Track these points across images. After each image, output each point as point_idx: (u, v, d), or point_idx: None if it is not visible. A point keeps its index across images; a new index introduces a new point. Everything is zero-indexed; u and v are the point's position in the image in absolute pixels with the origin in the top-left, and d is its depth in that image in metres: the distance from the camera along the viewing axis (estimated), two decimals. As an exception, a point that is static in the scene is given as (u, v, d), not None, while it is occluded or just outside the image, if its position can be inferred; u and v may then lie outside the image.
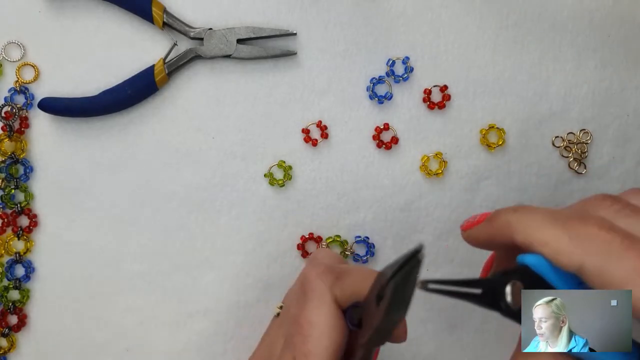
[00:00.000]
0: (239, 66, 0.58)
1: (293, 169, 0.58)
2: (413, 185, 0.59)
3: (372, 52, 0.58)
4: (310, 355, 0.41)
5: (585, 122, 0.59)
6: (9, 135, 0.57)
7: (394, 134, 0.58)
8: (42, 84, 0.58)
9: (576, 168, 0.59)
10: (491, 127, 0.58)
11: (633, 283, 0.34)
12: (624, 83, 0.59)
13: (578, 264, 0.36)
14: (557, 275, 0.38)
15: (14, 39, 0.58)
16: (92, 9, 0.58)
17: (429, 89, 0.58)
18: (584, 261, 0.36)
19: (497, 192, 0.59)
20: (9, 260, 0.58)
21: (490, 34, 0.58)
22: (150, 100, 0.58)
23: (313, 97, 0.59)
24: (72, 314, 0.59)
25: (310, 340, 0.42)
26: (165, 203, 0.58)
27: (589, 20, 0.58)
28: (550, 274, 0.38)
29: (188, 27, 0.57)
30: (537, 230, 0.38)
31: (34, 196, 0.58)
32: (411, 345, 0.59)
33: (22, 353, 0.59)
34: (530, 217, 0.39)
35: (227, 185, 0.58)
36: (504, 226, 0.40)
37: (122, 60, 0.58)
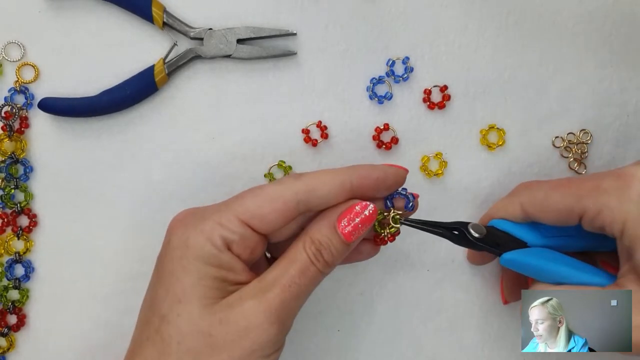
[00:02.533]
0: (239, 66, 0.58)
1: (293, 169, 0.58)
2: (413, 185, 0.59)
3: (372, 52, 0.58)
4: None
5: (585, 122, 0.59)
6: (9, 135, 0.57)
7: (394, 134, 0.58)
8: (42, 84, 0.58)
9: (576, 168, 0.58)
10: (491, 127, 0.58)
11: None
12: (624, 83, 0.59)
13: (569, 207, 0.48)
14: (516, 228, 0.51)
15: (14, 39, 0.58)
16: (92, 9, 0.58)
17: (429, 89, 0.58)
18: (583, 202, 0.47)
19: (498, 193, 0.59)
20: (8, 260, 0.58)
21: (490, 34, 0.58)
22: (150, 101, 0.58)
23: (313, 97, 0.58)
24: (72, 314, 0.58)
25: (253, 192, 0.47)
26: (164, 203, 0.58)
27: (589, 20, 0.58)
28: (510, 228, 0.51)
29: (188, 27, 0.57)
30: (531, 196, 0.51)
31: (33, 196, 0.58)
32: (411, 345, 0.59)
33: (21, 353, 0.59)
34: (526, 191, 0.53)
35: (227, 186, 0.58)
36: (510, 203, 0.53)
37: (122, 60, 0.58)
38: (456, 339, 0.59)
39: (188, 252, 0.45)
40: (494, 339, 0.59)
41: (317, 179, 0.47)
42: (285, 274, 0.45)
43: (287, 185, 0.46)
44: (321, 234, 0.46)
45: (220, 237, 0.45)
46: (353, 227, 0.46)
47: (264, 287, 0.45)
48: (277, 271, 0.46)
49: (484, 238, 0.49)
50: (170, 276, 0.45)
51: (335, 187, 0.47)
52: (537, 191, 0.51)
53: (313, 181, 0.47)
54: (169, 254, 0.46)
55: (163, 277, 0.46)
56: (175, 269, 0.45)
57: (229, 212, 0.46)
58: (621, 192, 0.45)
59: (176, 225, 0.47)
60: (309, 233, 0.47)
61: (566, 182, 0.50)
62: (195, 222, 0.46)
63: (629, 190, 0.45)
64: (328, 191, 0.46)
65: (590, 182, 0.48)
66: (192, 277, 0.44)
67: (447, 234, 0.49)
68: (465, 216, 0.59)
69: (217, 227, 0.45)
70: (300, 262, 0.46)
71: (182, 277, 0.45)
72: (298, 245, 0.46)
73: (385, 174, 0.48)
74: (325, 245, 0.46)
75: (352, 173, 0.47)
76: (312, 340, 0.59)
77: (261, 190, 0.47)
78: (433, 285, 0.59)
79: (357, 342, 0.59)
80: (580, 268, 0.47)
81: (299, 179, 0.47)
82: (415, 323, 0.59)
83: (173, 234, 0.47)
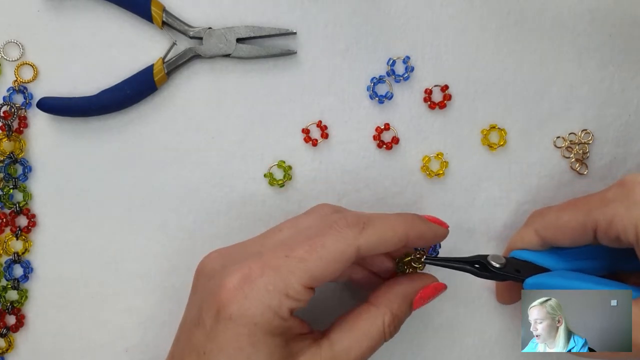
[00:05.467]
0: (238, 66, 0.58)
1: (293, 169, 0.58)
2: (414, 185, 0.59)
3: (372, 52, 0.58)
4: (310, 261, 0.44)
5: (586, 122, 0.58)
6: (8, 134, 0.57)
7: (395, 134, 0.58)
8: (41, 83, 0.58)
9: (578, 169, 0.58)
10: (492, 127, 0.58)
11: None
12: (625, 83, 0.58)
13: (582, 222, 0.48)
14: (536, 257, 0.51)
15: (12, 39, 0.58)
16: (91, 8, 0.58)
17: (429, 89, 0.58)
18: (594, 215, 0.47)
19: (499, 193, 0.58)
20: (7, 260, 0.58)
21: (491, 33, 0.58)
22: (150, 100, 0.58)
23: (313, 97, 0.58)
24: (71, 314, 0.58)
25: (316, 252, 0.44)
26: (164, 203, 0.58)
27: (590, 19, 0.58)
28: (531, 256, 0.51)
29: (187, 27, 0.57)
30: (540, 221, 0.52)
31: (32, 196, 0.58)
32: (411, 345, 0.59)
33: (19, 353, 0.58)
34: (532, 221, 0.54)
35: (226, 186, 0.58)
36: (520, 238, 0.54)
37: (121, 60, 0.58)
38: (456, 339, 0.59)
39: (256, 329, 0.43)
40: (494, 339, 0.59)
41: (380, 236, 0.46)
42: (359, 349, 0.46)
43: (350, 241, 0.45)
44: (401, 311, 0.48)
45: (288, 310, 0.44)
46: (424, 302, 0.50)
47: (334, 358, 0.46)
48: (350, 342, 0.46)
49: (505, 267, 0.49)
50: (239, 353, 0.43)
51: (394, 244, 0.47)
52: (548, 215, 0.51)
53: (375, 237, 0.46)
54: (232, 329, 0.44)
55: (226, 352, 0.44)
56: (243, 346, 0.43)
57: (293, 278, 0.44)
58: (627, 198, 0.46)
59: (233, 293, 0.44)
60: (390, 307, 0.48)
61: (574, 200, 0.51)
62: (256, 291, 0.44)
63: (634, 195, 0.45)
64: (387, 247, 0.47)
65: (597, 196, 0.49)
66: (264, 352, 0.43)
67: (468, 268, 0.49)
68: (466, 217, 0.58)
69: (284, 301, 0.44)
70: (375, 339, 0.47)
71: (253, 354, 0.43)
72: (376, 320, 0.47)
73: (435, 235, 0.50)
74: (402, 320, 0.48)
75: (410, 231, 0.48)
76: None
77: (323, 249, 0.45)
78: (433, 285, 0.59)
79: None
80: (606, 284, 0.47)
81: (361, 234, 0.46)
82: (416, 323, 0.59)
83: (232, 304, 0.44)
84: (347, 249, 0.45)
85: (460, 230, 0.58)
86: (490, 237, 0.58)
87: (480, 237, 0.58)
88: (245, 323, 0.43)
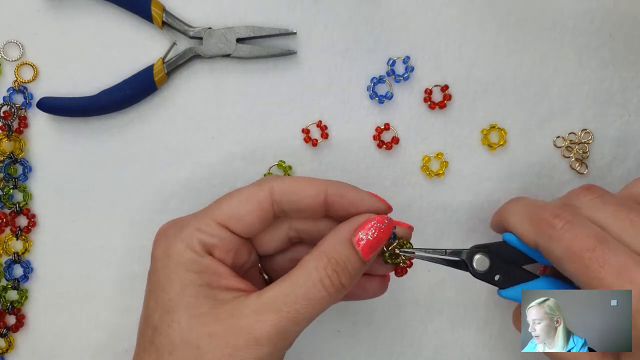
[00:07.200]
0: (238, 66, 0.58)
1: (293, 169, 0.58)
2: (414, 185, 0.59)
3: (372, 52, 0.58)
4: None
5: (586, 122, 0.58)
6: (8, 134, 0.57)
7: (395, 134, 0.58)
8: (41, 83, 0.58)
9: (578, 168, 0.58)
10: (492, 127, 0.58)
11: (567, 259, 0.43)
12: (625, 82, 0.58)
13: (533, 241, 0.46)
14: (525, 248, 0.48)
15: (12, 39, 0.58)
16: (91, 8, 0.58)
17: (429, 89, 0.58)
18: (536, 240, 0.46)
19: (499, 193, 0.58)
20: (7, 260, 0.58)
21: (491, 33, 0.58)
22: (150, 100, 0.58)
23: (313, 97, 0.58)
24: (71, 314, 0.58)
25: (230, 195, 0.48)
26: (164, 203, 0.58)
27: (590, 19, 0.58)
28: (520, 246, 0.48)
29: (187, 27, 0.57)
30: (511, 217, 0.49)
31: (32, 196, 0.58)
32: (411, 345, 0.59)
33: (19, 353, 0.59)
34: (512, 207, 0.50)
35: (226, 186, 0.58)
36: (500, 214, 0.52)
37: (121, 60, 0.58)
38: (456, 339, 0.59)
39: (170, 262, 0.45)
40: (494, 339, 0.59)
41: (293, 183, 0.47)
42: (286, 297, 0.42)
43: (262, 186, 0.47)
44: (337, 251, 0.44)
45: (199, 242, 0.45)
46: (370, 242, 0.44)
47: (259, 309, 0.42)
48: (277, 290, 0.43)
49: (487, 271, 0.48)
50: (157, 287, 0.45)
51: (309, 194, 0.47)
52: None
53: (288, 184, 0.47)
54: (154, 266, 0.47)
55: (151, 289, 0.46)
56: (160, 280, 0.45)
57: (206, 216, 0.46)
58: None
59: (159, 237, 0.48)
60: (323, 250, 0.44)
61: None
62: (176, 232, 0.46)
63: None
64: (302, 197, 0.46)
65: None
66: (177, 286, 0.44)
67: (450, 261, 0.48)
68: (466, 217, 0.58)
69: (195, 233, 0.45)
70: (306, 286, 0.43)
71: (167, 287, 0.45)
72: (308, 265, 0.44)
73: (362, 198, 0.47)
74: (343, 265, 0.43)
75: (330, 186, 0.47)
76: (312, 341, 0.59)
77: (237, 192, 0.47)
78: (434, 285, 0.59)
79: (357, 343, 0.59)
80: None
81: (274, 180, 0.47)
82: (415, 323, 0.59)
83: (156, 246, 0.47)
84: (259, 192, 0.46)
85: (460, 230, 0.58)
86: (491, 237, 0.58)
87: (480, 237, 0.58)
88: (162, 257, 0.46)
